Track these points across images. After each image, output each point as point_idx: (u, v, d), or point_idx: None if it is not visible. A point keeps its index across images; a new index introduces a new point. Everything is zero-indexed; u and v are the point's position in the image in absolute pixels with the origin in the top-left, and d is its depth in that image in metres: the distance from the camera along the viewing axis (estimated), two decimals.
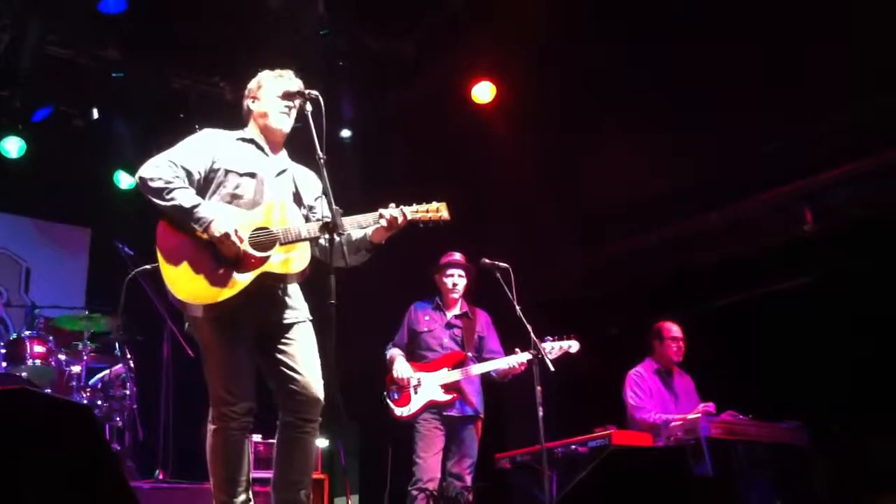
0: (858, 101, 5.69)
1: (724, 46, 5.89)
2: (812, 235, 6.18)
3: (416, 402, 5.28)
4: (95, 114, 7.13)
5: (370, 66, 7.19)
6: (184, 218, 3.44)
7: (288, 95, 3.66)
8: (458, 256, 5.61)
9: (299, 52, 6.05)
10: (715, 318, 6.69)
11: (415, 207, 3.67)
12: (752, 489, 4.97)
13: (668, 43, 6.06)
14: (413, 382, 5.31)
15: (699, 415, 5.20)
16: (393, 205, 3.65)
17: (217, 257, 3.44)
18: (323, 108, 3.47)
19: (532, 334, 4.92)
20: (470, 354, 5.45)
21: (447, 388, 5.30)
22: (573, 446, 5.21)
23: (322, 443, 6.15)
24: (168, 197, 3.44)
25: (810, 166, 6.05)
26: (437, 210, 3.68)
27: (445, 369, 5.34)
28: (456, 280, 5.56)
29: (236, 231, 3.41)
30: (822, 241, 6.14)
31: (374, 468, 7.43)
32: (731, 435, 5.04)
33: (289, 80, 3.75)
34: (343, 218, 3.47)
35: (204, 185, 3.59)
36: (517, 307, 4.88)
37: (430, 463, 5.18)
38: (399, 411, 5.30)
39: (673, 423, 5.21)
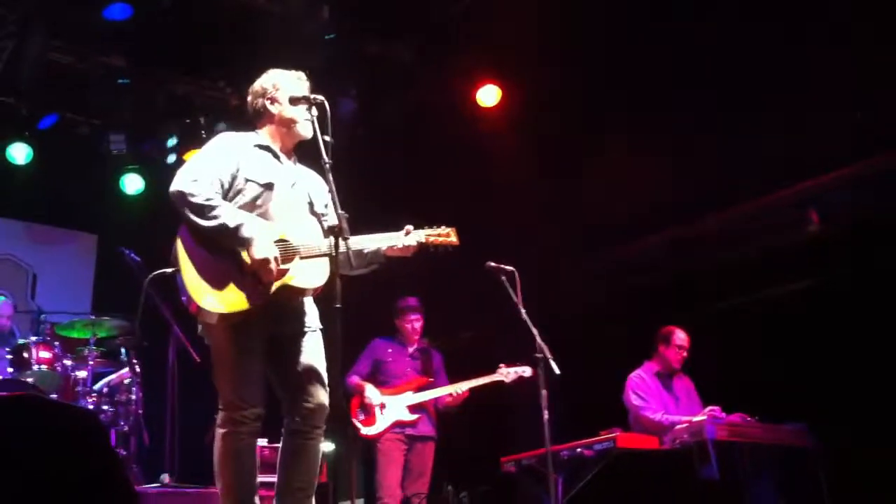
0: (862, 101, 5.69)
1: (727, 47, 5.88)
2: (817, 237, 6.17)
3: (383, 422, 5.80)
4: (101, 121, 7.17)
5: (373, 69, 7.19)
6: (222, 237, 3.37)
7: (294, 100, 3.64)
8: (413, 302, 6.17)
9: (302, 56, 6.05)
10: (718, 321, 6.67)
11: (428, 231, 3.75)
12: (757, 492, 4.96)
13: (668, 44, 6.05)
14: (377, 403, 5.82)
15: (705, 417, 5.20)
16: (411, 227, 3.70)
17: (239, 266, 3.41)
18: (329, 114, 3.47)
19: (537, 337, 4.92)
20: (431, 380, 6.01)
21: (413, 408, 5.84)
22: (578, 449, 5.19)
23: (327, 447, 6.17)
24: (211, 215, 3.35)
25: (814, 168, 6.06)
26: (448, 235, 3.80)
27: (410, 392, 5.88)
28: (415, 325, 6.14)
29: (276, 258, 3.39)
30: (827, 242, 6.13)
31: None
32: (737, 437, 5.03)
33: (304, 83, 3.69)
34: (357, 237, 3.49)
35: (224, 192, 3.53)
36: (522, 310, 4.88)
37: (389, 479, 5.72)
38: (366, 430, 5.80)
39: (678, 426, 5.20)
